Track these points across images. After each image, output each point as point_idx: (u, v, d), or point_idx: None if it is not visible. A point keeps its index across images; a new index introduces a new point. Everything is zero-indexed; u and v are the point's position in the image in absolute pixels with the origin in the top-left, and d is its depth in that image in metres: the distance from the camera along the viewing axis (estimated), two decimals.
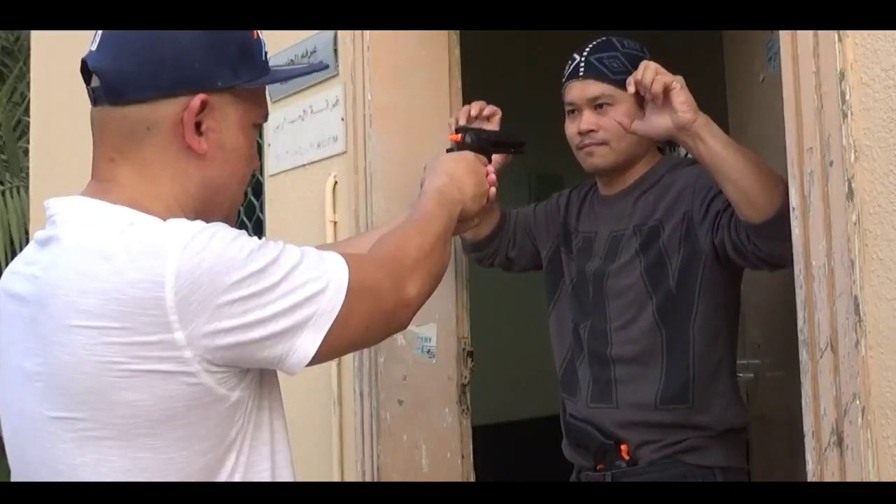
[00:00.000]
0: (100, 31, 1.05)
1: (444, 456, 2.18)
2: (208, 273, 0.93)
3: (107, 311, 0.92)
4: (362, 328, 1.06)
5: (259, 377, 1.04)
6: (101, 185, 1.05)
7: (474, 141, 1.53)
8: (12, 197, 5.65)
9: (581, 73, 1.82)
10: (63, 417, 0.96)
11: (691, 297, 1.74)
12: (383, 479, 2.08)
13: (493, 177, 1.48)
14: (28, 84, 4.59)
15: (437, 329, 2.18)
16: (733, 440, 1.76)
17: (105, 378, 0.93)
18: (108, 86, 1.03)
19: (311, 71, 1.26)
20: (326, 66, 1.41)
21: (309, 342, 1.00)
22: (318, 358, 1.02)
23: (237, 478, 1.00)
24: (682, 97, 1.52)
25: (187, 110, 1.03)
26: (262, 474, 1.03)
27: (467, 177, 1.38)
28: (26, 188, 5.11)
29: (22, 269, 1.04)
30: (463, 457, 2.21)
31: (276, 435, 1.06)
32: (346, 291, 1.02)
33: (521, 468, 2.02)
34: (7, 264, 5.72)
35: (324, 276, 1.01)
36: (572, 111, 1.86)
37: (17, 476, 1.05)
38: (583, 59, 1.83)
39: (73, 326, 0.93)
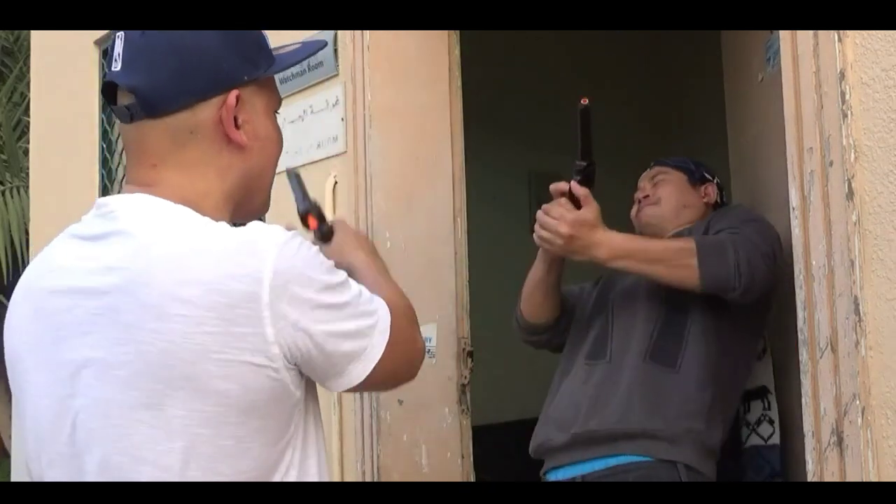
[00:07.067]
0: (119, 51, 1.08)
1: (444, 456, 2.18)
2: (300, 276, 0.99)
3: (207, 302, 0.96)
4: (390, 372, 1.11)
5: (307, 381, 1.08)
6: (145, 188, 1.08)
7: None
8: (12, 197, 5.64)
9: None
10: (153, 404, 0.98)
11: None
12: (383, 479, 2.08)
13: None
14: (28, 84, 4.59)
15: (437, 329, 2.18)
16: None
17: (201, 366, 0.96)
18: (145, 101, 1.06)
19: (315, 51, 1.27)
20: (325, 44, 1.41)
21: (358, 371, 1.06)
22: (354, 389, 1.08)
23: (293, 472, 1.05)
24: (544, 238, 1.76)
25: (225, 108, 1.07)
26: (310, 469, 1.07)
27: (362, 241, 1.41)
28: (26, 188, 5.10)
29: (77, 264, 1.05)
30: (463, 457, 2.21)
31: (318, 434, 1.11)
32: (389, 335, 1.08)
33: (521, 468, 2.01)
34: (7, 264, 5.62)
35: (375, 313, 1.08)
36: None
37: (56, 473, 1.04)
38: None
39: (172, 314, 0.96)
